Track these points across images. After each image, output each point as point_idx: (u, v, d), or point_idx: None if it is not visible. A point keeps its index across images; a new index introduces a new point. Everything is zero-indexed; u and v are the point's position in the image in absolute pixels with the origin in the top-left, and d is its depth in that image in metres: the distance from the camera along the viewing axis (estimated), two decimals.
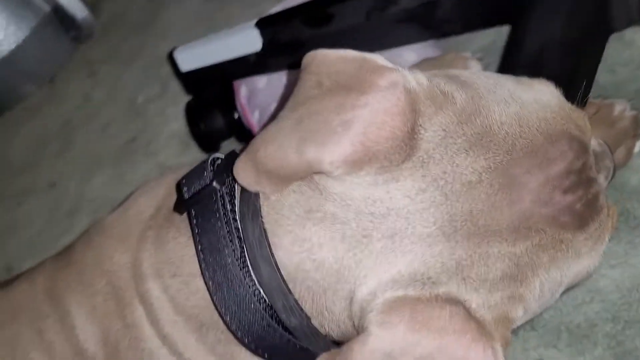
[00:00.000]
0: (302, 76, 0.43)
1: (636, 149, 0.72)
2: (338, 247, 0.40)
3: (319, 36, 0.82)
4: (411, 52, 0.81)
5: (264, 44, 0.85)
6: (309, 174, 0.41)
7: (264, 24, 0.85)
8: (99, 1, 1.28)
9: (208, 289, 0.45)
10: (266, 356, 0.46)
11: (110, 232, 0.56)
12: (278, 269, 0.42)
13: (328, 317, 0.42)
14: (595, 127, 0.69)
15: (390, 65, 0.41)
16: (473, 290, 0.39)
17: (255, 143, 0.43)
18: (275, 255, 0.42)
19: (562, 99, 0.45)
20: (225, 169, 0.47)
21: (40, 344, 0.54)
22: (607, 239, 0.46)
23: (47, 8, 1.06)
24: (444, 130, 0.40)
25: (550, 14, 0.68)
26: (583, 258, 0.44)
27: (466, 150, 0.39)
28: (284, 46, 0.84)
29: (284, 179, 0.41)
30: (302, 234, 0.41)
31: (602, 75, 0.78)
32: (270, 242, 0.42)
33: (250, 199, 0.44)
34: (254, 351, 0.45)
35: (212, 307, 0.46)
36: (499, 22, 0.77)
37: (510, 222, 0.40)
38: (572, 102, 0.46)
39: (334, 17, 0.82)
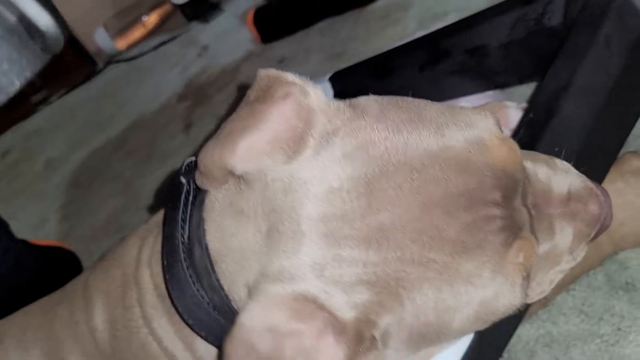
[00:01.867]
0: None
1: None
2: (242, 239, 0.45)
3: (381, 87, 0.88)
4: (467, 104, 0.83)
5: (334, 95, 0.93)
6: (225, 172, 0.46)
7: (335, 77, 0.93)
8: None
9: (163, 272, 0.52)
10: (203, 335, 0.51)
11: (136, 231, 0.67)
12: (207, 250, 0.48)
13: (238, 300, 0.47)
14: (632, 181, 0.66)
15: (297, 80, 0.46)
16: (329, 289, 0.41)
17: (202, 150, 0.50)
18: (206, 239, 0.48)
19: (495, 130, 0.45)
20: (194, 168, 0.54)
21: (69, 322, 0.65)
22: (520, 275, 0.44)
23: (12, 19, 1.03)
24: (327, 140, 0.43)
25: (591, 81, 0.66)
26: (478, 286, 0.42)
27: (339, 160, 0.42)
28: (350, 96, 0.91)
29: (217, 179, 0.48)
30: (222, 224, 0.47)
31: None
32: (204, 228, 0.49)
33: (202, 194, 0.51)
34: (194, 328, 0.51)
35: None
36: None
37: (362, 229, 0.41)
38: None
39: (394, 70, 0.87)
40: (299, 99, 0.45)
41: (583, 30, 0.66)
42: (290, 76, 0.46)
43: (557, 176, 0.49)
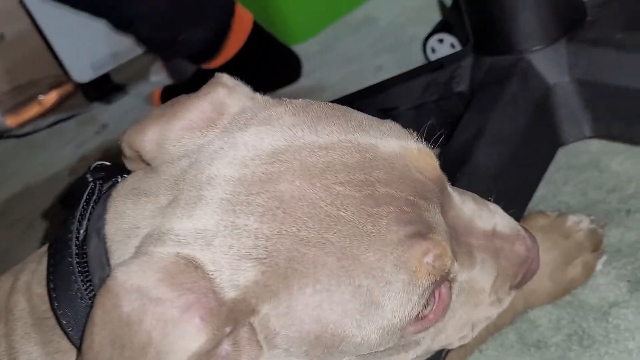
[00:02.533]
0: None
1: (598, 267, 0.66)
2: (137, 216, 0.43)
3: None
4: None
5: None
6: (136, 154, 0.46)
7: None
8: None
9: (47, 275, 0.46)
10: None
11: (11, 268, 0.59)
12: (104, 240, 0.44)
13: None
14: (547, 237, 0.67)
15: (229, 82, 0.46)
16: (216, 260, 0.38)
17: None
18: (104, 229, 0.44)
19: (415, 139, 0.44)
20: (103, 168, 0.51)
21: None
22: (427, 278, 0.40)
23: None
24: (239, 120, 0.43)
25: (503, 126, 0.69)
26: (381, 281, 0.38)
27: (248, 134, 0.42)
28: None
29: (133, 161, 0.47)
30: (121, 209, 0.44)
31: (574, 197, 0.76)
32: (105, 218, 0.45)
33: (112, 187, 0.47)
34: (73, 337, 0.44)
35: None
36: None
37: (259, 197, 0.39)
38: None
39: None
40: (219, 95, 0.45)
41: (491, 89, 0.69)
42: (225, 77, 0.46)
43: (483, 212, 0.47)
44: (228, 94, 0.45)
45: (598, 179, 0.77)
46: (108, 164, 0.53)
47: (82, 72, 1.82)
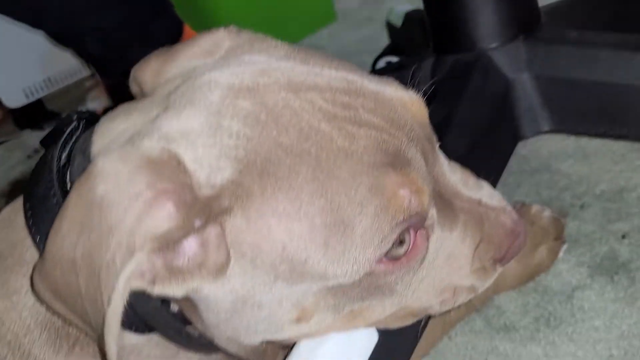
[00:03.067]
0: None
1: (561, 254, 0.68)
2: (128, 124, 0.43)
3: None
4: None
5: None
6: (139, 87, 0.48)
7: None
8: None
9: (23, 203, 0.45)
10: None
11: None
12: (89, 157, 0.44)
13: None
14: None
15: (231, 28, 0.48)
16: (197, 158, 0.39)
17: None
18: (90, 148, 0.44)
19: (402, 88, 0.45)
20: (89, 113, 0.50)
21: None
22: (402, 212, 0.40)
23: None
24: (243, 46, 0.46)
25: (465, 119, 0.71)
26: (354, 202, 0.39)
27: (250, 54, 0.45)
28: None
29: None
30: (110, 125, 0.44)
31: (529, 197, 0.78)
32: (92, 139, 0.44)
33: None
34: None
35: (22, 234, 0.46)
36: None
37: (246, 101, 0.40)
38: None
39: None
40: (220, 34, 0.47)
41: (454, 84, 0.72)
42: (230, 27, 0.49)
43: (470, 182, 0.48)
44: (228, 34, 0.47)
45: (550, 180, 0.80)
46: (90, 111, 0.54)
47: (14, 97, 1.75)
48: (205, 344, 0.47)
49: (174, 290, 0.40)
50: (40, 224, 0.44)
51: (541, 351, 0.60)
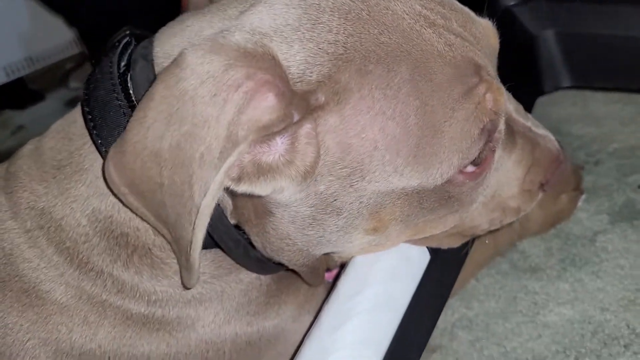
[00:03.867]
0: None
1: (580, 203, 0.71)
2: (200, 27, 0.43)
3: None
4: None
5: None
6: None
7: None
8: None
9: (82, 110, 0.45)
10: None
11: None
12: (152, 62, 0.43)
13: None
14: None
15: None
16: (293, 54, 0.39)
17: None
18: (154, 53, 0.44)
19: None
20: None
21: None
22: (487, 116, 0.42)
23: None
24: None
25: None
26: (447, 105, 0.40)
27: None
28: None
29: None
30: (178, 28, 0.45)
31: None
32: (154, 44, 0.44)
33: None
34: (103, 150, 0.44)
35: (82, 141, 0.46)
36: None
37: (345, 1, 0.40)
38: None
39: None
40: None
41: None
42: None
43: (522, 111, 0.50)
44: None
45: (563, 142, 0.82)
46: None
47: None
48: (261, 259, 0.47)
49: (260, 188, 0.39)
50: (103, 128, 0.44)
51: (569, 287, 0.62)
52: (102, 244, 0.46)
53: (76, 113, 0.48)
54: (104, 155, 0.44)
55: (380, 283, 0.47)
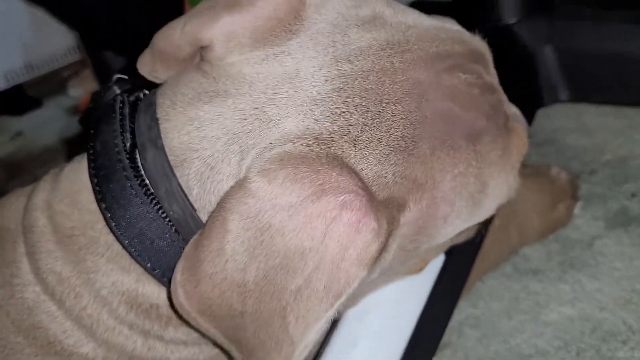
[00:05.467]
0: None
1: (576, 211, 0.75)
2: (228, 121, 0.39)
3: None
4: None
5: None
6: (195, 50, 0.42)
7: None
8: None
9: (95, 191, 0.42)
10: (149, 267, 0.42)
11: (17, 190, 0.54)
12: (164, 150, 0.41)
13: (209, 207, 0.39)
14: (536, 181, 0.75)
15: None
16: (364, 156, 0.37)
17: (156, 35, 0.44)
18: (163, 138, 0.41)
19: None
20: (128, 80, 0.46)
21: None
22: (516, 157, 0.43)
23: None
24: (337, 12, 0.41)
25: None
26: (492, 165, 0.41)
27: (357, 26, 0.40)
28: None
29: (175, 61, 0.43)
30: (193, 114, 0.40)
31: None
32: (160, 127, 0.41)
33: (149, 97, 0.44)
34: (138, 258, 0.41)
35: (93, 218, 0.44)
36: None
37: (402, 84, 0.39)
38: None
39: None
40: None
41: None
42: None
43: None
44: None
45: (558, 152, 0.88)
46: (125, 77, 0.48)
47: None
48: None
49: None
50: (122, 226, 0.42)
51: (569, 288, 0.67)
52: (131, 315, 0.45)
53: (80, 177, 0.46)
54: (127, 248, 0.42)
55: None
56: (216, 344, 0.42)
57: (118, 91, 0.45)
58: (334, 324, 0.51)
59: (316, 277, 0.34)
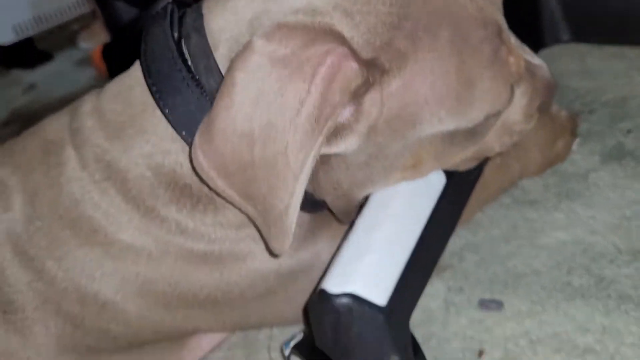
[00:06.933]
0: None
1: (574, 147, 0.80)
2: (256, 3, 0.48)
3: None
4: None
5: None
6: None
7: None
8: None
9: (145, 79, 0.51)
10: (184, 135, 0.50)
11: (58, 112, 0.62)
12: (205, 35, 0.49)
13: None
14: (538, 121, 0.80)
15: None
16: (354, 26, 0.45)
17: None
18: (205, 27, 0.50)
19: None
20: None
21: None
22: (511, 72, 0.50)
23: None
24: None
25: None
26: (483, 64, 0.47)
27: None
28: None
29: None
30: (230, 4, 0.50)
31: None
32: (204, 18, 0.50)
33: (195, 5, 0.53)
34: (178, 126, 0.50)
35: (143, 107, 0.52)
36: None
37: None
38: None
39: None
40: None
41: None
42: None
43: (520, 45, 0.58)
44: None
45: (560, 93, 0.92)
46: None
47: (3, 33, 1.78)
48: (317, 201, 0.56)
49: (336, 147, 0.47)
50: (168, 98, 0.51)
51: (564, 217, 0.72)
52: (167, 194, 0.54)
53: (131, 79, 0.56)
54: (171, 121, 0.51)
55: (404, 197, 0.56)
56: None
57: (171, 1, 0.54)
58: (344, 238, 0.57)
59: (308, 112, 0.41)
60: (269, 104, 0.42)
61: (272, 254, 0.54)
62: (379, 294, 0.51)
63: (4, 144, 0.63)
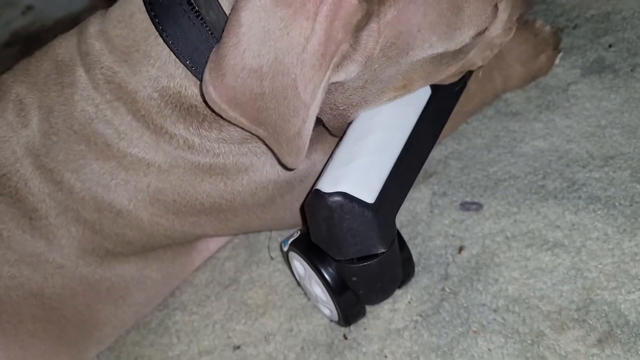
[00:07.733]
0: None
1: (557, 61, 0.85)
2: None
3: None
4: None
5: None
6: None
7: None
8: None
9: (146, 6, 0.54)
10: (188, 63, 0.54)
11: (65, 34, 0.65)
12: None
13: None
14: (522, 33, 0.84)
15: None
16: None
17: None
18: None
19: None
20: None
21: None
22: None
23: None
24: None
25: None
26: None
27: None
28: None
29: None
30: None
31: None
32: None
33: None
34: (180, 53, 0.53)
35: (146, 34, 0.55)
36: None
37: None
38: None
39: None
40: None
41: None
42: None
43: None
44: None
45: (547, 10, 0.96)
46: None
47: None
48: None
49: (337, 76, 0.50)
50: (169, 29, 0.54)
51: (543, 126, 0.77)
52: (175, 114, 0.58)
53: (133, 6, 0.58)
54: (173, 49, 0.54)
55: (392, 108, 0.62)
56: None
57: None
58: (336, 146, 0.62)
59: (314, 48, 0.45)
60: (275, 41, 0.45)
61: (285, 167, 0.58)
62: (368, 192, 0.57)
63: (18, 62, 0.67)
